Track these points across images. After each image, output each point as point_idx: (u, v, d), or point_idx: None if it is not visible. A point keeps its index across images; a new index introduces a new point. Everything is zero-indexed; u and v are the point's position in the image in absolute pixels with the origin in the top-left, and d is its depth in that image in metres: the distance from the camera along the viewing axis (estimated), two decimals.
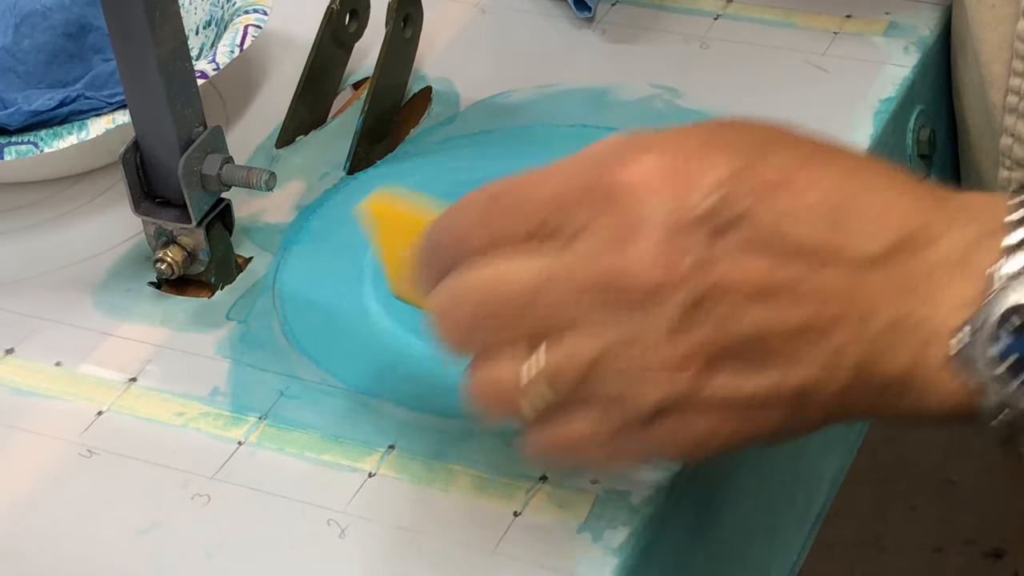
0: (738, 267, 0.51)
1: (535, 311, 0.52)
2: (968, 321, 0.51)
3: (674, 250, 0.51)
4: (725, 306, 0.51)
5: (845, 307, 0.52)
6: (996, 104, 0.77)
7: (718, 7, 0.86)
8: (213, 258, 0.71)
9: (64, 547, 0.61)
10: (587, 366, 0.52)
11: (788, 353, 0.52)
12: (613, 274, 0.51)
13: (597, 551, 0.58)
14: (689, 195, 0.51)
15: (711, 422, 0.52)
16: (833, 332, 0.52)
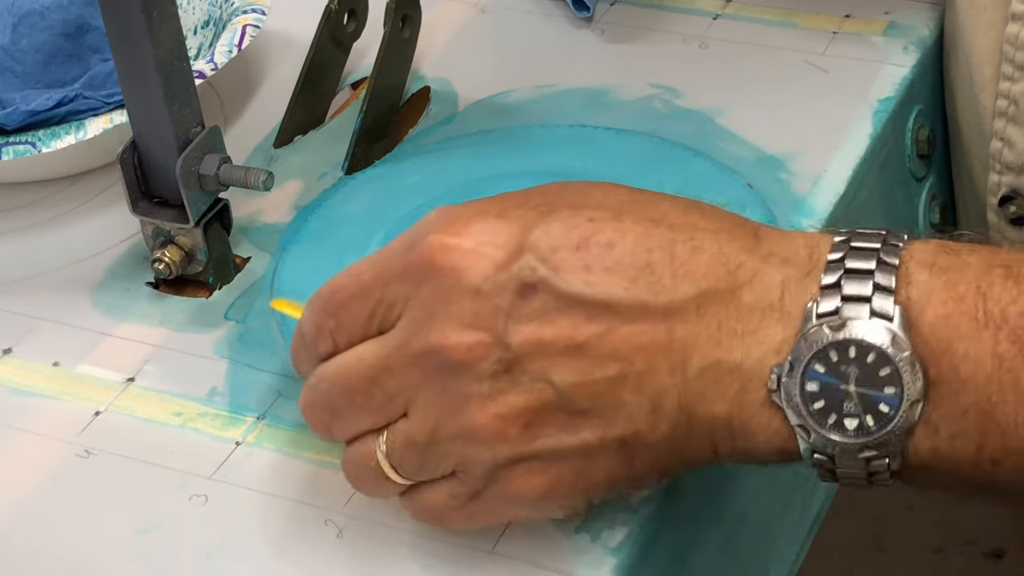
0: (542, 330, 0.53)
1: (379, 390, 0.55)
2: (783, 361, 0.52)
3: (478, 321, 0.53)
4: (534, 367, 0.53)
5: (656, 356, 0.53)
6: (986, 108, 0.77)
7: (717, 7, 0.86)
8: (211, 258, 0.71)
9: (62, 547, 0.61)
10: (422, 446, 0.55)
11: (606, 405, 0.53)
12: (430, 348, 0.54)
13: (595, 551, 0.58)
14: (488, 264, 0.53)
15: (548, 477, 0.54)
16: (647, 381, 0.53)
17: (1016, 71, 0.75)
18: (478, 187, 0.75)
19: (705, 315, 0.53)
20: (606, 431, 0.53)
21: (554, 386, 0.53)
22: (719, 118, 0.78)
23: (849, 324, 0.51)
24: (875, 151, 0.76)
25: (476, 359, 0.53)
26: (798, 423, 0.52)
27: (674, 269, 0.53)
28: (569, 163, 0.77)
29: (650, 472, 0.55)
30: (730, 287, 0.53)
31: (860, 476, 0.53)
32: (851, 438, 0.52)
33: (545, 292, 0.53)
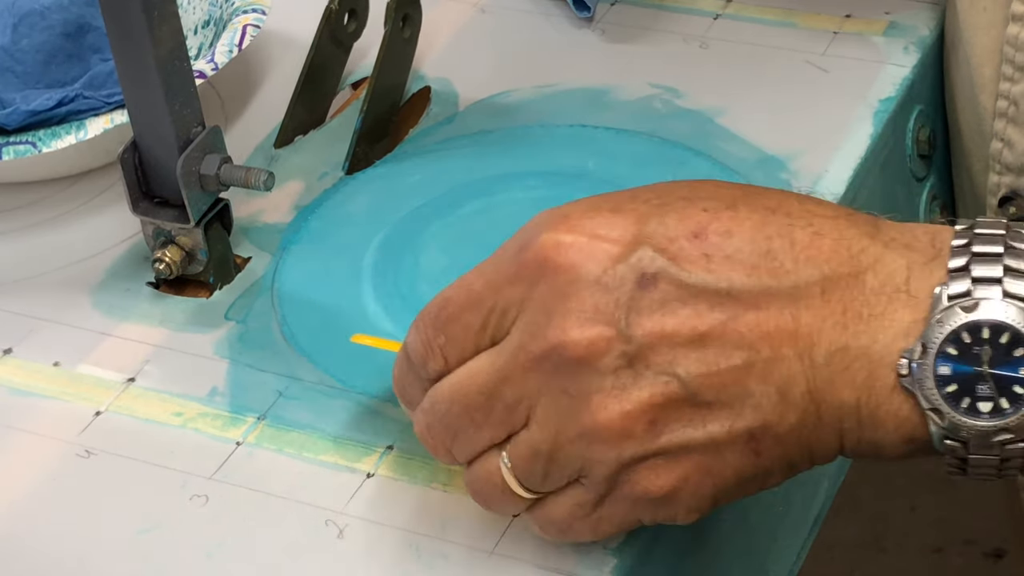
0: (664, 321, 0.52)
1: (499, 403, 0.54)
2: (913, 344, 0.51)
3: (599, 315, 0.52)
4: (658, 360, 0.52)
5: (783, 343, 0.52)
6: (987, 108, 0.77)
7: (718, 7, 0.86)
8: (211, 258, 0.71)
9: (62, 547, 0.61)
10: (546, 455, 0.54)
11: (733, 396, 0.52)
12: (550, 347, 0.53)
13: (596, 551, 0.58)
14: (605, 258, 0.53)
15: (674, 474, 0.53)
16: (774, 369, 0.52)
17: (1016, 72, 0.75)
18: (479, 187, 0.75)
19: (830, 300, 0.52)
20: (734, 423, 0.52)
21: (679, 379, 0.52)
22: (719, 118, 0.78)
23: (981, 305, 0.51)
24: (876, 151, 0.76)
25: (598, 354, 0.52)
26: (930, 407, 0.51)
27: (795, 255, 0.52)
28: (569, 163, 0.77)
29: (778, 467, 0.54)
30: (854, 271, 0.52)
31: (992, 464, 0.52)
32: (986, 421, 0.51)
33: (666, 283, 0.52)
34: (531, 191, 0.75)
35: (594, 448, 0.53)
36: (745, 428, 0.52)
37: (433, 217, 0.74)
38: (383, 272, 0.71)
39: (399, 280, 0.71)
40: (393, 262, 0.72)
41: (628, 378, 0.52)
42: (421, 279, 0.71)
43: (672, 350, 0.52)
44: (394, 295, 0.70)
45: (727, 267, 0.52)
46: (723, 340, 0.52)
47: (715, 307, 0.52)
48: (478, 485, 0.56)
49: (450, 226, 0.74)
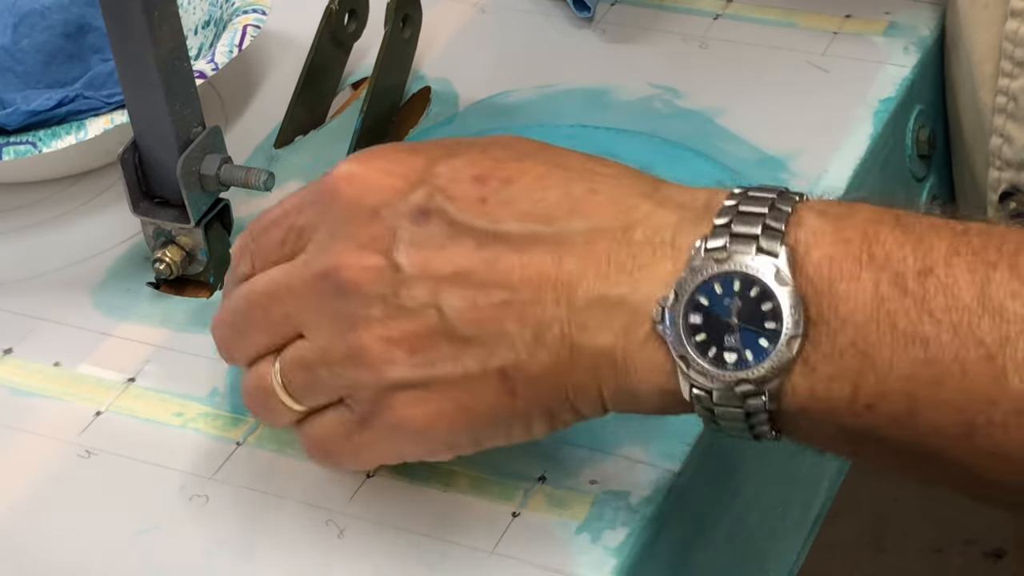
0: (432, 255, 0.54)
1: (278, 308, 0.57)
2: (667, 293, 0.52)
3: (374, 244, 0.55)
4: (422, 292, 0.54)
5: (543, 287, 0.53)
6: (986, 104, 0.77)
7: (718, 7, 0.86)
8: (212, 258, 0.71)
9: (63, 547, 0.61)
10: (312, 366, 0.56)
11: (489, 333, 0.54)
12: (327, 268, 0.56)
13: (596, 551, 0.58)
14: (389, 191, 0.55)
15: (430, 407, 0.55)
16: (531, 311, 0.53)
17: (1015, 68, 0.75)
18: None
19: (594, 249, 0.53)
20: (487, 360, 0.54)
21: (441, 312, 0.54)
22: (719, 118, 0.78)
23: (735, 258, 0.52)
24: (875, 151, 0.76)
25: (368, 281, 0.55)
26: (679, 354, 0.52)
27: (567, 207, 0.54)
28: None
29: (536, 412, 0.55)
30: (622, 225, 0.54)
31: (738, 417, 0.52)
32: (729, 371, 0.52)
33: (439, 219, 0.55)
34: None
35: (358, 371, 0.55)
36: (498, 366, 0.54)
37: None
38: None
39: None
40: None
41: (394, 307, 0.55)
42: None
43: (436, 284, 0.54)
44: None
45: (499, 211, 0.54)
46: (485, 279, 0.54)
47: (482, 247, 0.54)
48: (250, 389, 0.59)
49: None
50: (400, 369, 0.55)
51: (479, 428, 0.56)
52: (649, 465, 0.61)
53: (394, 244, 0.55)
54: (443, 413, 0.55)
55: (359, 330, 0.55)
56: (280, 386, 0.58)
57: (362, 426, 0.57)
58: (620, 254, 0.53)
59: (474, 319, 0.54)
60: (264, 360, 0.58)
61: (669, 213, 0.54)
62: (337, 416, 0.57)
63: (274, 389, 0.58)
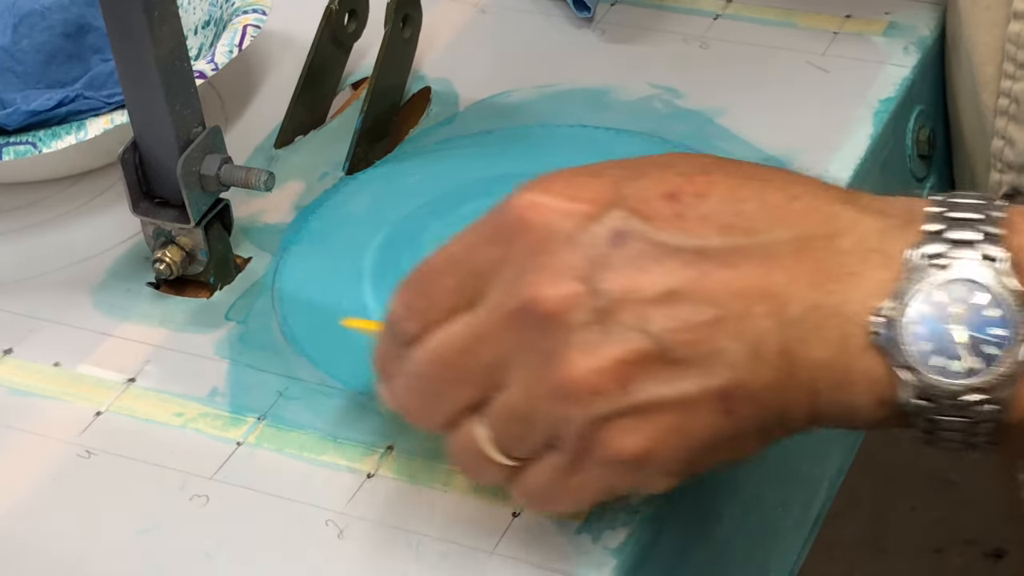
0: (635, 277, 0.52)
1: (474, 362, 0.54)
2: (886, 302, 0.51)
3: (571, 271, 0.52)
4: (629, 316, 0.51)
5: (754, 301, 0.51)
6: (988, 106, 0.77)
7: (718, 7, 0.86)
8: (212, 258, 0.71)
9: (63, 547, 0.61)
10: (519, 415, 0.53)
11: (705, 353, 0.52)
12: (522, 304, 0.52)
13: (596, 552, 0.58)
14: (580, 217, 0.53)
15: (645, 434, 0.52)
16: (746, 326, 0.51)
17: (1017, 69, 0.75)
18: (478, 187, 0.75)
19: (802, 259, 0.52)
20: (706, 381, 0.52)
21: (650, 335, 0.51)
22: (719, 118, 0.78)
23: (956, 264, 0.51)
24: (876, 151, 0.76)
25: (568, 309, 0.52)
26: (901, 365, 0.50)
27: (768, 216, 0.52)
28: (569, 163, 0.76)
29: (751, 430, 0.53)
30: (827, 232, 0.52)
31: (960, 427, 0.51)
32: (957, 380, 0.50)
33: (638, 240, 0.52)
34: None
35: (564, 406, 0.52)
36: (717, 386, 0.52)
37: (433, 217, 0.74)
38: (383, 272, 0.71)
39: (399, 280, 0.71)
40: (393, 262, 0.72)
41: (598, 334, 0.52)
42: None
43: (643, 306, 0.52)
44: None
45: (700, 226, 0.52)
46: (694, 297, 0.51)
47: (687, 265, 0.52)
48: (459, 452, 0.56)
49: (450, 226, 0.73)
50: (610, 401, 0.52)
51: (695, 451, 0.53)
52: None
53: (593, 270, 0.52)
54: (660, 440, 0.52)
55: (564, 364, 0.52)
56: (489, 444, 0.55)
57: (575, 467, 0.54)
58: (829, 263, 0.51)
59: (687, 340, 0.51)
60: (468, 420, 0.55)
61: (872, 220, 0.52)
62: (550, 463, 0.54)
63: (483, 447, 0.55)
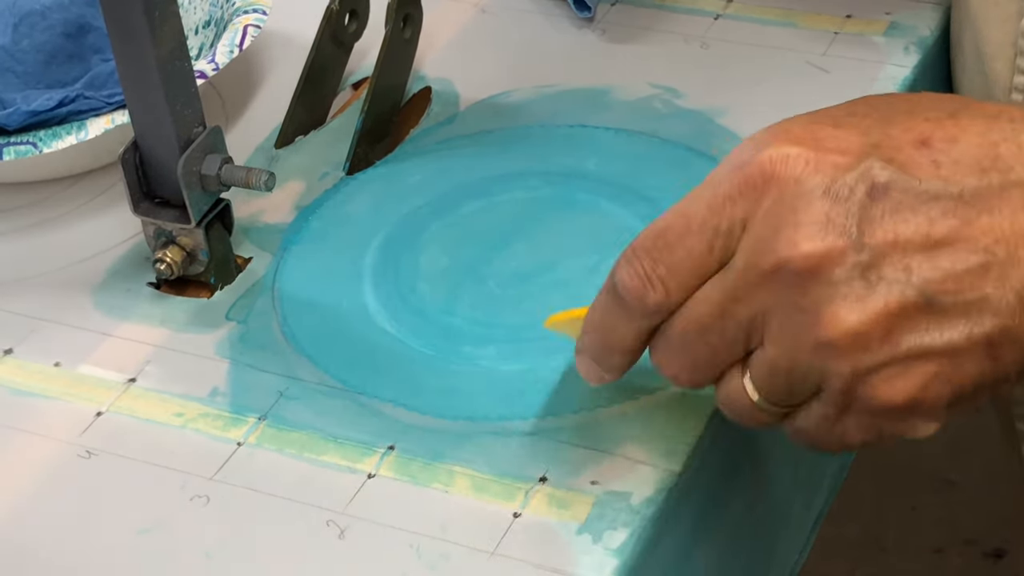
0: (897, 229, 0.51)
1: (731, 323, 0.54)
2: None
3: (830, 226, 0.52)
4: (892, 269, 0.51)
5: (1019, 245, 0.51)
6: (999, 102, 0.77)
7: (718, 7, 0.86)
8: (212, 258, 0.71)
9: (63, 547, 0.61)
10: (785, 372, 0.53)
11: (970, 301, 0.51)
12: (780, 262, 0.52)
13: (597, 552, 0.58)
14: (833, 168, 0.52)
15: (912, 381, 0.52)
16: (1011, 272, 0.51)
17: None
18: (479, 187, 0.75)
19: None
20: (972, 328, 0.51)
21: (915, 286, 0.51)
22: (720, 118, 0.78)
23: None
24: None
25: (830, 265, 0.51)
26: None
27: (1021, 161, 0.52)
28: (569, 163, 0.77)
29: (1014, 371, 0.53)
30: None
31: None
32: None
33: (897, 191, 0.52)
34: (531, 191, 0.75)
35: (829, 360, 0.52)
36: (983, 334, 0.52)
37: (433, 217, 0.74)
38: (383, 272, 0.71)
39: (399, 280, 0.71)
40: (393, 262, 0.72)
41: (862, 288, 0.51)
42: (421, 279, 0.71)
43: (906, 258, 0.51)
44: (394, 295, 0.70)
45: (957, 172, 0.52)
46: (958, 245, 0.51)
47: (947, 213, 0.51)
48: (729, 405, 0.56)
49: (450, 226, 0.74)
50: (875, 354, 0.52)
51: (961, 396, 0.53)
52: (650, 465, 0.61)
53: (852, 223, 0.51)
54: (926, 388, 0.52)
55: (828, 319, 0.52)
56: (755, 392, 0.55)
57: (841, 416, 0.54)
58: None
59: (952, 289, 0.51)
60: (732, 374, 0.55)
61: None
62: (817, 411, 0.54)
63: (754, 404, 0.55)
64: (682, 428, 0.62)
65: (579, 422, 0.63)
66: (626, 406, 0.63)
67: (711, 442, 0.63)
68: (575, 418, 0.63)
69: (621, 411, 0.63)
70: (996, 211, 0.52)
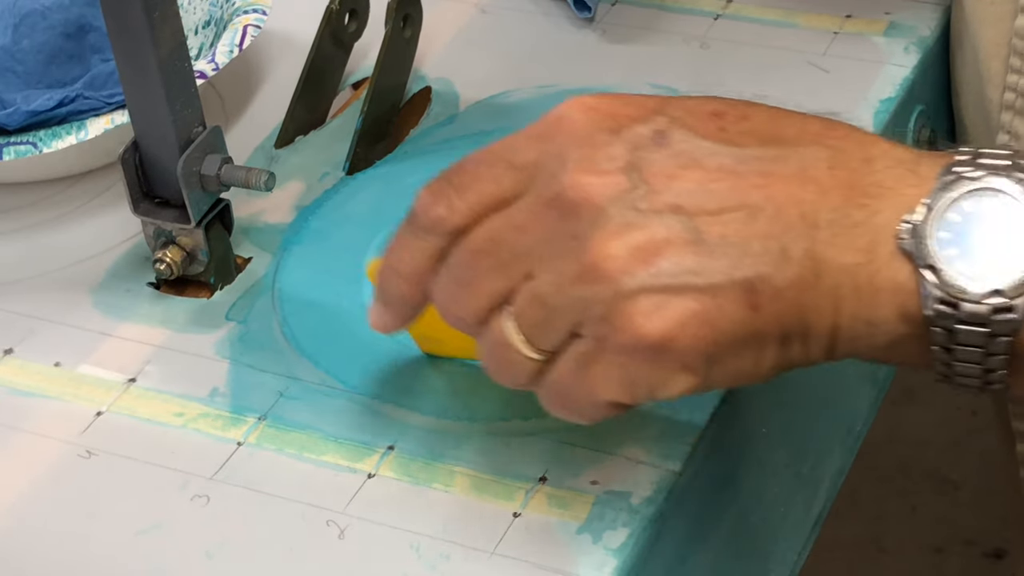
0: (675, 172, 0.54)
1: (506, 249, 0.55)
2: (917, 212, 0.52)
3: (611, 162, 0.54)
4: (664, 205, 0.53)
5: (787, 204, 0.53)
6: (993, 101, 0.77)
7: (718, 7, 0.86)
8: (212, 258, 0.71)
9: (64, 547, 0.61)
10: (547, 300, 0.54)
11: (734, 245, 0.53)
12: (561, 190, 0.54)
13: (597, 552, 0.58)
14: (625, 119, 0.55)
15: (668, 316, 0.53)
16: (777, 225, 0.53)
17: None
18: None
19: (837, 174, 0.54)
20: (733, 271, 0.53)
21: (685, 222, 0.53)
22: None
23: (987, 178, 0.52)
24: None
25: (606, 197, 0.53)
26: (926, 265, 0.52)
27: (810, 138, 0.55)
28: None
29: (773, 334, 0.54)
30: (863, 156, 0.54)
31: (979, 342, 0.52)
32: (978, 283, 0.51)
33: (679, 141, 0.54)
34: None
35: (591, 286, 0.53)
36: (744, 277, 0.53)
37: None
38: None
39: None
40: None
41: (632, 217, 0.53)
42: None
43: (679, 196, 0.53)
44: None
45: (741, 138, 0.54)
46: (730, 195, 0.53)
47: (724, 168, 0.54)
48: (488, 351, 0.57)
49: None
50: (638, 278, 0.53)
51: (718, 344, 0.53)
52: (650, 465, 0.61)
53: (635, 163, 0.54)
54: (684, 322, 0.53)
55: (594, 245, 0.53)
56: (516, 333, 0.55)
57: (597, 353, 0.54)
58: (862, 180, 0.53)
59: (720, 232, 0.53)
60: (496, 315, 0.56)
61: (906, 152, 0.54)
62: (572, 351, 0.55)
63: (511, 339, 0.55)
64: (682, 428, 0.62)
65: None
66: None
67: (711, 442, 0.63)
68: None
69: None
70: (770, 175, 0.54)
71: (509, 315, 0.55)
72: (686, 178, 0.53)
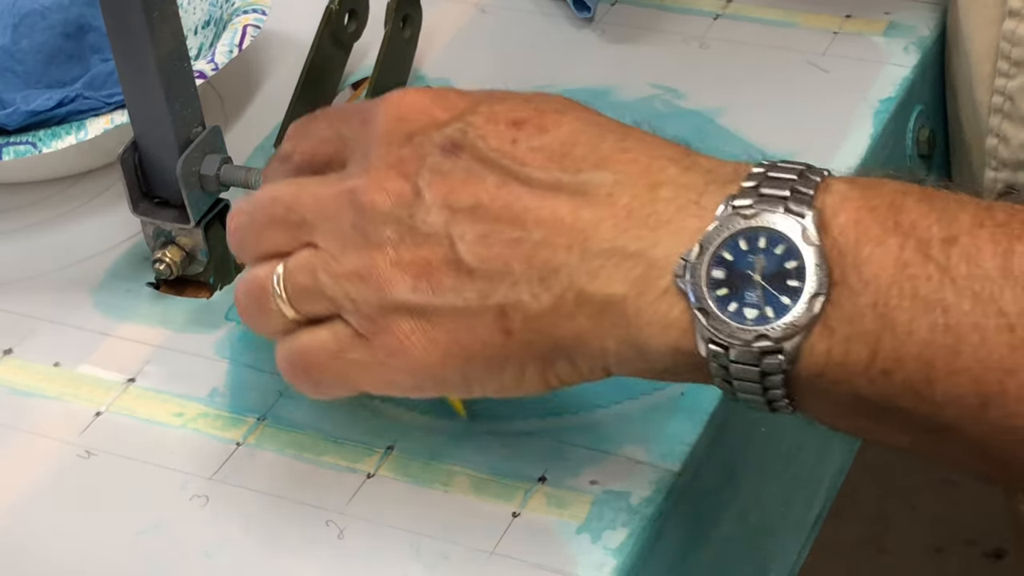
0: (454, 186, 0.55)
1: (297, 212, 0.57)
2: (693, 248, 0.52)
3: (402, 168, 0.56)
4: (438, 221, 0.55)
5: (556, 232, 0.54)
6: (983, 104, 0.77)
7: (718, 7, 0.86)
8: (212, 258, 0.71)
9: (63, 547, 0.61)
10: (316, 272, 0.57)
11: (495, 269, 0.54)
12: (354, 187, 0.56)
13: (596, 552, 0.58)
14: (427, 120, 0.56)
15: (426, 336, 0.55)
16: (540, 253, 0.54)
17: (1012, 67, 0.75)
18: None
19: (615, 202, 0.53)
20: (488, 295, 0.54)
21: (452, 242, 0.54)
22: (720, 118, 0.78)
23: (762, 215, 0.52)
24: (876, 151, 0.76)
25: (387, 203, 0.55)
26: (699, 307, 0.51)
27: (595, 160, 0.54)
28: None
29: (529, 357, 0.55)
30: (648, 183, 0.54)
31: (754, 378, 0.52)
32: (749, 326, 0.51)
33: (468, 154, 0.55)
34: None
35: (361, 288, 0.56)
36: (497, 302, 0.54)
37: None
38: None
39: None
40: None
41: (407, 231, 0.55)
42: None
43: (452, 214, 0.55)
44: None
45: (527, 155, 0.55)
46: (499, 216, 0.54)
47: (502, 186, 0.54)
48: (246, 287, 0.59)
49: None
50: (403, 292, 0.55)
51: (471, 365, 0.55)
52: (649, 465, 0.61)
53: (420, 170, 0.55)
54: (438, 343, 0.55)
55: (371, 248, 0.55)
56: (278, 287, 0.58)
57: (358, 343, 0.57)
58: (643, 209, 0.53)
59: (482, 254, 0.54)
60: (268, 262, 0.58)
61: (697, 177, 0.54)
62: (332, 331, 0.57)
63: (271, 289, 0.58)
64: (682, 428, 0.62)
65: (579, 422, 0.63)
66: (626, 406, 0.63)
67: (711, 442, 0.63)
68: (575, 418, 0.63)
69: (621, 411, 0.63)
70: (545, 197, 0.54)
71: (278, 267, 0.58)
72: (464, 194, 0.55)
